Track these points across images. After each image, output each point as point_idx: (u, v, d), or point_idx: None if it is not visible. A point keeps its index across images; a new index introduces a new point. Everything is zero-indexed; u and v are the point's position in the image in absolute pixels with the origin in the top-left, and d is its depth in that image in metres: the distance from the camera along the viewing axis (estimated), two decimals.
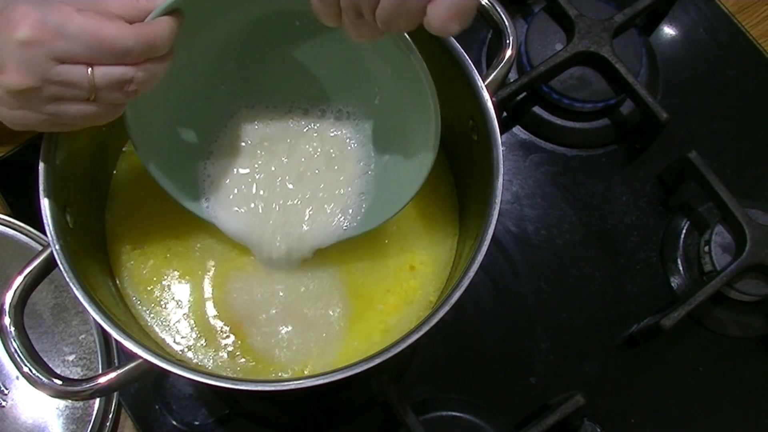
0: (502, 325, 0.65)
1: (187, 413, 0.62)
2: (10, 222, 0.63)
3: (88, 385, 0.45)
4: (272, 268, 0.54)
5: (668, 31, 0.75)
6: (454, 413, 0.61)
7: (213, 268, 0.55)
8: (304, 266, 0.54)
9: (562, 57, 0.68)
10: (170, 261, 0.55)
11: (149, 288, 0.54)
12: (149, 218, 0.56)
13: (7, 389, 0.59)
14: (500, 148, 0.48)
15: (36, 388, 0.45)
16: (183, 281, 0.54)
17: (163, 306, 0.54)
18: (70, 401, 0.59)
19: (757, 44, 0.74)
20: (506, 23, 0.53)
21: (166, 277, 0.54)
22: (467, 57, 0.50)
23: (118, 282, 0.54)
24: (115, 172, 0.57)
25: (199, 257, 0.55)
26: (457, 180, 0.58)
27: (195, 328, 0.54)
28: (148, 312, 0.54)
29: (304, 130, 0.55)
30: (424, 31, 0.51)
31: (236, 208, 0.53)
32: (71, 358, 0.60)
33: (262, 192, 0.54)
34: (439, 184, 0.58)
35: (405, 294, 0.55)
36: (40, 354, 0.45)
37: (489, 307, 0.66)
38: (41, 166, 0.47)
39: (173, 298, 0.54)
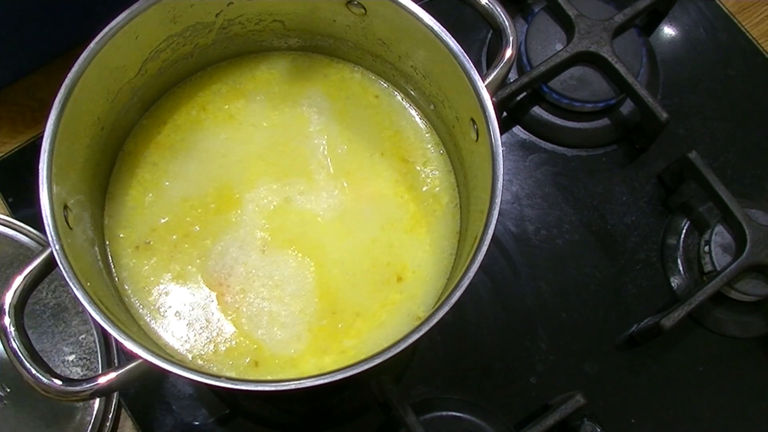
0: (502, 325, 0.65)
1: (187, 413, 0.62)
2: (10, 222, 0.63)
3: (88, 385, 0.45)
4: None
5: (668, 31, 0.75)
6: (454, 413, 0.61)
7: (216, 268, 0.55)
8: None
9: (562, 57, 0.68)
10: (171, 261, 0.55)
11: (149, 288, 0.54)
12: (149, 218, 0.56)
13: (7, 389, 0.59)
14: (500, 148, 0.48)
15: (36, 388, 0.45)
16: (184, 280, 0.54)
17: (164, 305, 0.54)
18: (70, 401, 0.59)
19: (757, 44, 0.74)
20: (506, 23, 0.53)
21: (166, 276, 0.54)
22: (467, 57, 0.50)
23: (118, 282, 0.54)
24: (113, 172, 0.57)
25: (201, 257, 0.55)
26: (458, 181, 0.58)
27: (195, 328, 0.54)
28: (148, 312, 0.54)
29: None
30: (423, 32, 0.51)
31: None
32: (71, 358, 0.60)
33: None
34: (443, 189, 0.58)
35: (384, 309, 0.54)
36: (40, 354, 0.45)
37: (489, 307, 0.66)
38: (41, 166, 0.47)
39: (174, 298, 0.54)
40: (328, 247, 0.55)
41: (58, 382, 0.45)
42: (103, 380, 0.45)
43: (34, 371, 0.44)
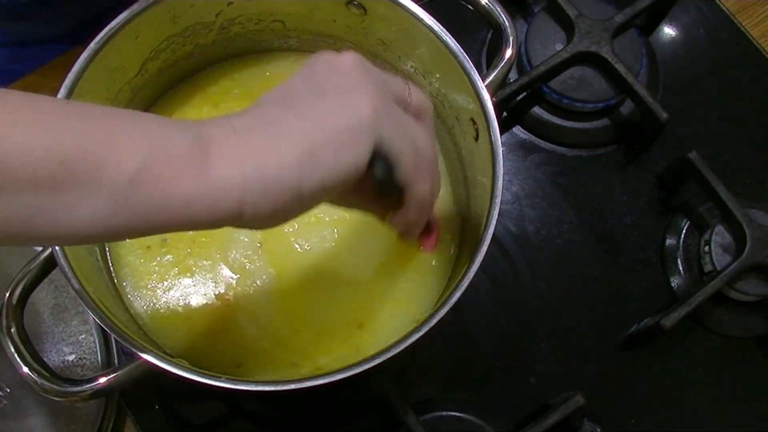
0: (502, 325, 0.65)
1: (187, 413, 0.62)
2: None
3: (88, 385, 0.45)
4: None
5: (668, 31, 0.75)
6: (454, 413, 0.61)
7: (219, 271, 0.55)
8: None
9: (562, 57, 0.67)
10: (187, 256, 0.55)
11: (150, 288, 0.54)
12: None
13: (7, 389, 0.59)
14: (500, 149, 0.48)
15: (36, 388, 0.45)
16: (185, 281, 0.54)
17: (165, 304, 0.54)
18: (70, 401, 0.59)
19: (757, 44, 0.74)
20: (506, 23, 0.53)
21: (172, 273, 0.54)
22: (467, 57, 0.50)
23: (117, 281, 0.54)
24: None
25: (217, 250, 0.55)
26: (458, 181, 0.58)
27: (196, 327, 0.54)
28: (148, 311, 0.54)
29: None
30: (423, 32, 0.51)
31: None
32: (71, 358, 0.60)
33: None
34: (443, 195, 0.58)
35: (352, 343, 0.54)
36: (40, 354, 0.45)
37: (489, 307, 0.66)
38: None
39: (177, 296, 0.54)
40: (306, 272, 0.55)
41: (58, 382, 0.45)
42: (103, 380, 0.45)
43: (34, 371, 0.44)
